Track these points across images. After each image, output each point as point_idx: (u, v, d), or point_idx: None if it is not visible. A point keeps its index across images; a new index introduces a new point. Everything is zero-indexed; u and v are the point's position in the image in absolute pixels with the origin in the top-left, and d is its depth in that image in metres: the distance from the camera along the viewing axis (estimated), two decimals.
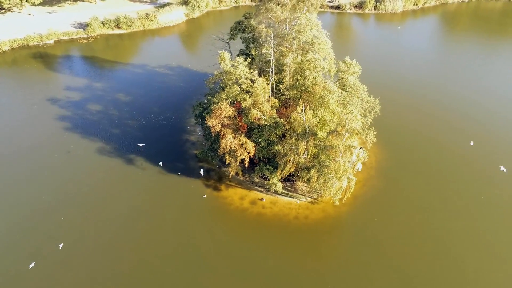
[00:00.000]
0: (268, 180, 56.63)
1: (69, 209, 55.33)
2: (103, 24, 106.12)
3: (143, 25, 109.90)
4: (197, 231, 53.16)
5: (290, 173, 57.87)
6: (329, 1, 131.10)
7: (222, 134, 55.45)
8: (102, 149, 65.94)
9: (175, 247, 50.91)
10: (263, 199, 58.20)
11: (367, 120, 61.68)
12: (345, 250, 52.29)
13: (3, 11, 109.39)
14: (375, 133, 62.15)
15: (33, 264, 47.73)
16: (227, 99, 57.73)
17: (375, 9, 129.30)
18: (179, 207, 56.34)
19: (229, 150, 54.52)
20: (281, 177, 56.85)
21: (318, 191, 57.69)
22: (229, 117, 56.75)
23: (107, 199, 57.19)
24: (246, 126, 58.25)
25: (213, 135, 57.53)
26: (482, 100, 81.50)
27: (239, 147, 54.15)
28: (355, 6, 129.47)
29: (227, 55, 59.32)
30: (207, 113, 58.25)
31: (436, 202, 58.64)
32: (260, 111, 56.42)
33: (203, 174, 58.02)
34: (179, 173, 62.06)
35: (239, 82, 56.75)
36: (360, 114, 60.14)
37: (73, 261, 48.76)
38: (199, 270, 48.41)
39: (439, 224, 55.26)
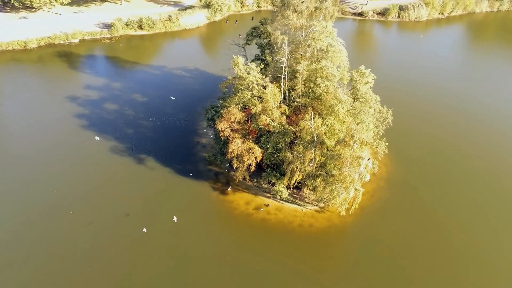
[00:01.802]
0: (275, 186, 56.59)
1: (78, 204, 56.84)
2: (126, 25, 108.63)
3: (165, 27, 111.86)
4: (200, 233, 53.66)
5: (298, 181, 57.64)
6: (351, 8, 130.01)
7: (230, 139, 55.89)
8: (115, 147, 67.49)
9: (174, 248, 51.57)
10: (268, 205, 58.23)
11: (379, 131, 60.82)
12: (348, 262, 51.77)
13: (33, 10, 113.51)
14: (386, 144, 61.32)
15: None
16: (238, 103, 58.20)
17: (398, 17, 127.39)
18: (184, 208, 56.98)
19: (236, 154, 54.88)
20: (289, 185, 56.66)
21: (325, 200, 57.31)
22: (238, 122, 57.17)
23: (114, 196, 58.46)
24: (256, 131, 58.54)
25: (222, 139, 58.05)
26: (506, 112, 79.29)
27: (246, 152, 54.44)
28: (378, 14, 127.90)
29: (240, 60, 59.86)
30: (217, 117, 58.80)
31: (448, 218, 57.30)
32: (269, 118, 56.56)
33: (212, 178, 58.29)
34: (190, 174, 62.81)
35: (250, 87, 57.11)
36: (373, 125, 59.58)
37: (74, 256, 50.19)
38: (198, 272, 48.86)
39: (450, 241, 53.94)
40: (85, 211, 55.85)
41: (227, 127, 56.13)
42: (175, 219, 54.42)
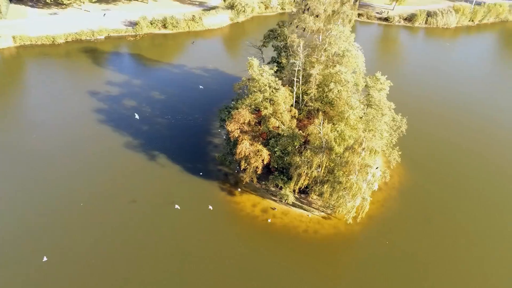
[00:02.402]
0: (282, 190, 56.24)
1: (88, 196, 58.38)
2: (151, 24, 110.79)
3: (188, 27, 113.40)
4: (203, 233, 53.94)
5: (305, 186, 57.06)
6: (377, 13, 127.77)
7: (239, 140, 56.00)
8: (129, 143, 68.89)
9: (176, 247, 52.08)
10: (275, 208, 57.93)
11: (392, 139, 59.45)
12: (352, 271, 50.85)
13: (63, 6, 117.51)
14: (399, 153, 59.97)
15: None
16: (250, 105, 58.31)
17: (426, 23, 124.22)
18: (191, 207, 57.39)
19: (244, 156, 54.92)
20: (295, 189, 56.20)
21: (332, 207, 56.47)
22: (248, 124, 57.25)
23: (123, 191, 59.66)
24: (266, 134, 58.42)
25: (232, 140, 58.24)
26: None
27: (253, 154, 54.39)
28: (405, 19, 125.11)
29: (255, 62, 60.02)
30: (228, 118, 59.05)
31: (461, 233, 55.25)
32: (280, 121, 56.35)
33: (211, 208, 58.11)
34: (201, 173, 63.29)
35: (262, 89, 57.06)
36: (386, 132, 58.34)
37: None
38: (197, 269, 49.13)
39: (462, 257, 52.01)
40: (94, 204, 57.19)
41: (237, 128, 56.30)
42: (210, 207, 56.23)
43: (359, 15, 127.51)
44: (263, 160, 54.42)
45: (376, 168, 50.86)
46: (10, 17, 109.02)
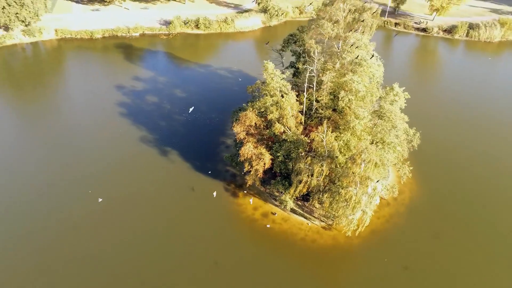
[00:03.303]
0: (282, 195, 55.75)
1: (97, 183, 61.21)
2: (184, 23, 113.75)
3: (220, 28, 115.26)
4: (201, 231, 54.53)
5: (308, 193, 56.17)
6: (415, 22, 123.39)
7: (244, 142, 56.19)
8: (144, 137, 71.14)
9: (174, 243, 53.05)
10: (275, 213, 57.49)
11: (403, 154, 57.20)
12: (343, 285, 49.35)
13: (106, 3, 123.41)
14: (411, 168, 57.64)
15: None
16: (260, 108, 58.34)
17: (466, 35, 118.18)
18: (193, 204, 58.40)
19: (246, 158, 55.02)
20: (296, 195, 55.43)
21: (333, 217, 55.19)
22: (255, 126, 57.31)
23: (129, 181, 61.88)
24: (273, 138, 58.20)
25: (237, 141, 58.53)
26: None
27: (256, 157, 54.35)
28: (444, 31, 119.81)
29: (270, 65, 59.86)
30: (235, 119, 59.38)
31: (466, 256, 52.10)
32: (286, 126, 55.94)
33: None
34: (209, 172, 64.18)
35: (272, 93, 56.92)
36: (399, 146, 56.35)
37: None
38: (186, 267, 49.74)
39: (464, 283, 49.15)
40: (100, 191, 59.57)
41: (243, 130, 56.55)
42: (214, 194, 58.76)
43: (395, 24, 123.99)
44: (264, 164, 54.14)
45: (377, 182, 49.07)
46: (56, 12, 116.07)
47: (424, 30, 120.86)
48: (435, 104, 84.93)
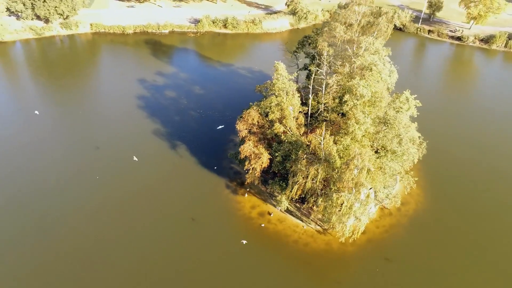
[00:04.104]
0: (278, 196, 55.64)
1: (104, 170, 64.04)
2: (213, 22, 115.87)
3: (248, 28, 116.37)
4: (195, 224, 55.48)
5: (305, 195, 55.71)
6: (450, 30, 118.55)
7: (246, 140, 56.64)
8: (157, 130, 73.43)
9: (165, 231, 54.55)
10: (271, 214, 57.44)
11: (404, 164, 55.28)
12: None
13: (141, 0, 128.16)
14: (415, 179, 55.80)
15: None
16: (265, 108, 58.58)
17: (505, 46, 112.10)
18: (193, 198, 59.58)
19: (245, 157, 55.42)
20: (293, 197, 55.11)
21: (327, 222, 54.31)
22: (258, 125, 57.60)
23: (136, 171, 64.09)
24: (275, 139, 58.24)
25: (240, 139, 59.06)
26: None
27: (254, 156, 54.61)
28: (481, 40, 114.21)
29: (281, 65, 60.01)
30: (239, 117, 59.91)
31: (467, 280, 49.54)
32: (287, 127, 55.80)
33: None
34: (215, 167, 65.19)
35: (276, 94, 57.03)
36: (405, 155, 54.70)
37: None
38: (172, 258, 50.82)
39: None
40: (108, 178, 62.23)
41: (245, 128, 57.02)
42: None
43: (429, 31, 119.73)
44: (262, 163, 54.28)
45: (370, 189, 47.80)
46: (93, 7, 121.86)
47: (459, 38, 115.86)
48: (462, 117, 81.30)
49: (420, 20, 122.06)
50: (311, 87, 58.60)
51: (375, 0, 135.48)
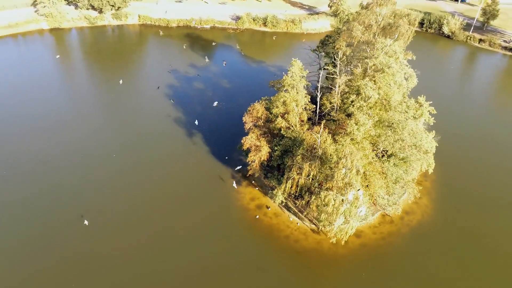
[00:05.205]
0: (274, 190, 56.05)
1: (121, 150, 68.45)
2: (253, 20, 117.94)
3: (287, 28, 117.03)
4: (192, 212, 57.11)
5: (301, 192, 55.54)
6: (504, 41, 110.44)
7: (250, 133, 57.76)
8: (178, 118, 76.72)
9: (162, 213, 56.94)
10: (269, 207, 57.98)
11: (409, 172, 53.17)
12: None
13: None
14: (419, 188, 53.60)
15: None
16: (273, 103, 59.31)
17: None
18: (195, 185, 61.62)
19: (247, 149, 56.52)
20: (288, 192, 55.21)
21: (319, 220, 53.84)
22: (265, 120, 58.47)
23: (148, 153, 67.85)
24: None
25: (246, 131, 60.21)
26: None
27: (255, 148, 55.52)
28: None
29: (298, 62, 60.49)
30: (247, 111, 60.98)
31: None
32: (291, 122, 56.05)
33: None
34: (226, 158, 66.92)
35: (284, 90, 57.56)
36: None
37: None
38: (161, 243, 53.07)
39: None
40: (122, 159, 66.42)
41: (251, 121, 58.13)
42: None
43: (479, 40, 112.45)
44: (261, 157, 55.05)
45: (358, 190, 46.67)
46: (144, 0, 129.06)
47: None
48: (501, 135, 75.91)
49: (472, 28, 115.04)
50: (319, 86, 58.27)
51: (427, 6, 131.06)
